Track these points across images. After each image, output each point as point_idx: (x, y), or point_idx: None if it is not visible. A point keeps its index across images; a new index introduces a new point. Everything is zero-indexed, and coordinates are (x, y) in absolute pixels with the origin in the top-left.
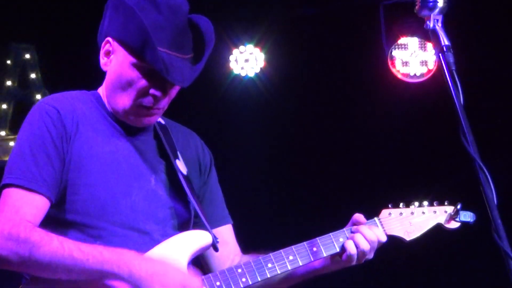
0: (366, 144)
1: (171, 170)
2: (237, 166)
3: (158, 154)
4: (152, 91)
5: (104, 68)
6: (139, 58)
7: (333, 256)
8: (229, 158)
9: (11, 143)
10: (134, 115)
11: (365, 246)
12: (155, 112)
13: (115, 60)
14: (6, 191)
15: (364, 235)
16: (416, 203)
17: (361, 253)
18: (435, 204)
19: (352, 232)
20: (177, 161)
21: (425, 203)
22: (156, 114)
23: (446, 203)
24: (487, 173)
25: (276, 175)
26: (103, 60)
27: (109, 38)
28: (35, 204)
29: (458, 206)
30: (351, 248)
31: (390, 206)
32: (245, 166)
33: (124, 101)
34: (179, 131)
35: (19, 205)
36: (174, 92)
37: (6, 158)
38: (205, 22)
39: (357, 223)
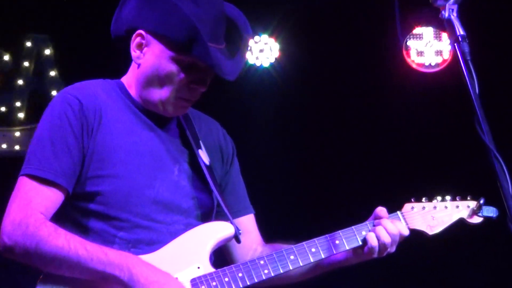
0: (381, 134)
1: (194, 160)
2: (252, 156)
3: (181, 143)
4: (193, 85)
5: (136, 61)
6: (183, 53)
7: (355, 249)
8: (244, 148)
9: (25, 134)
10: (172, 107)
11: (386, 239)
12: (192, 103)
13: (150, 54)
14: (23, 179)
15: (386, 228)
16: (439, 198)
17: (382, 245)
18: (457, 199)
19: (374, 225)
20: (199, 150)
21: (448, 197)
22: (191, 104)
23: (468, 198)
24: (502, 163)
25: (291, 166)
26: (135, 53)
27: (141, 31)
28: (49, 196)
29: (481, 201)
30: (373, 241)
31: (412, 200)
32: (260, 157)
33: (161, 94)
34: (201, 120)
35: (33, 195)
36: (209, 81)
37: (15, 148)
38: (236, 11)
39: (379, 217)
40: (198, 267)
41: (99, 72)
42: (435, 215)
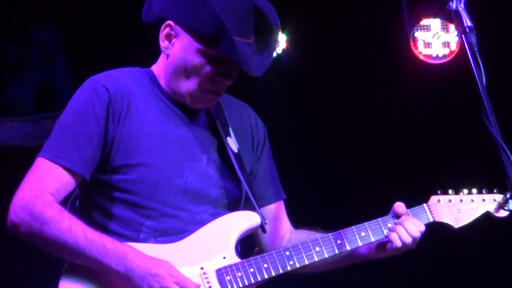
0: (387, 125)
1: (223, 149)
2: None
3: (210, 132)
4: (219, 78)
5: (165, 52)
6: (210, 46)
7: (377, 245)
8: None
9: (35, 124)
10: (198, 99)
11: (407, 239)
12: (219, 95)
13: (178, 45)
14: (40, 161)
15: (407, 229)
16: (465, 190)
17: (404, 245)
18: (484, 192)
19: (396, 223)
20: (228, 138)
21: (474, 190)
22: (218, 97)
23: (495, 191)
24: (509, 154)
25: (300, 159)
26: (163, 43)
27: (170, 22)
28: (62, 179)
29: (508, 195)
30: (397, 241)
31: (439, 192)
32: None
33: (188, 86)
34: (232, 105)
35: (46, 176)
36: (236, 75)
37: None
38: (266, 4)
39: (398, 213)
40: (224, 257)
41: (108, 63)
42: (461, 208)
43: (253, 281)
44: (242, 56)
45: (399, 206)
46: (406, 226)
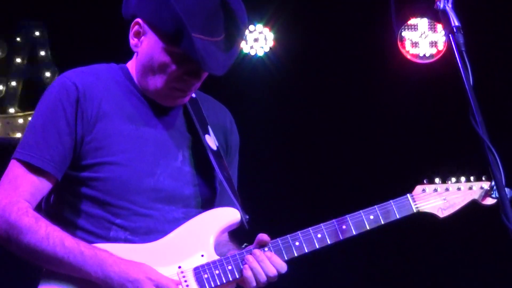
0: (374, 125)
1: (200, 146)
2: (245, 146)
3: (187, 129)
4: (186, 77)
5: (134, 49)
6: (173, 45)
7: None
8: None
9: (20, 120)
10: (167, 96)
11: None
12: (188, 93)
13: (146, 43)
14: (13, 163)
15: (264, 269)
16: (453, 179)
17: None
18: (472, 180)
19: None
20: (206, 136)
21: (462, 178)
22: (189, 95)
23: (483, 178)
24: (495, 154)
25: (286, 157)
26: (133, 41)
27: (139, 20)
28: (36, 183)
29: (493, 182)
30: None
31: (425, 182)
32: (254, 147)
33: (155, 83)
34: (210, 105)
35: (20, 181)
36: (206, 74)
37: (15, 135)
38: (237, 2)
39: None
40: (202, 255)
41: (95, 59)
42: (448, 197)
43: (231, 279)
44: (203, 55)
45: (263, 237)
46: (264, 266)
